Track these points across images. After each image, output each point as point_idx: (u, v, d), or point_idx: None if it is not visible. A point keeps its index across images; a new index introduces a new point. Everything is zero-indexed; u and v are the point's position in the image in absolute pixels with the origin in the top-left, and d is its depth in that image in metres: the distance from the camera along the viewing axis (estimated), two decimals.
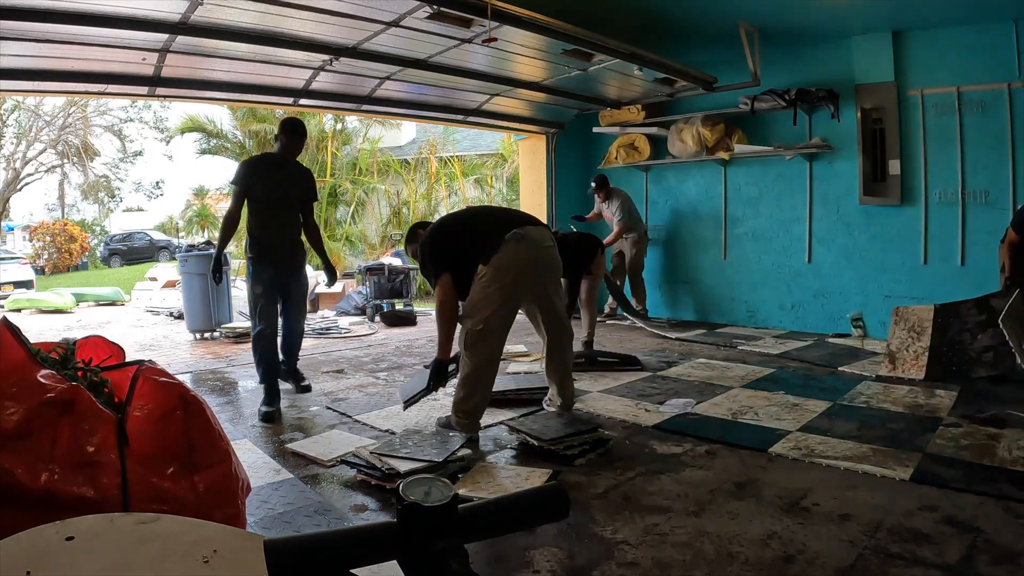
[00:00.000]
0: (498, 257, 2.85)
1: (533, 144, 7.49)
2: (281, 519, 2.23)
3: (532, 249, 2.95)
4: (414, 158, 13.77)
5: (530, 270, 2.97)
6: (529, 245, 2.94)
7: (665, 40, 5.43)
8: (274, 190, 3.68)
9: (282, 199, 3.73)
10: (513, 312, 3.00)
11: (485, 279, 2.86)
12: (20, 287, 13.33)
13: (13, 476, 1.42)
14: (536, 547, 1.96)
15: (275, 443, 3.06)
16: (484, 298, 2.85)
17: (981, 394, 3.61)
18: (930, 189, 5.23)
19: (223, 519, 1.55)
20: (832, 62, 5.64)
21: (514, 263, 2.88)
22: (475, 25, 3.99)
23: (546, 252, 3.05)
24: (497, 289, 2.85)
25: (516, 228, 2.93)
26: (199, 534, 0.98)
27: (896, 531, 2.02)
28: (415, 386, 3.19)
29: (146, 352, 5.63)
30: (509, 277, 2.87)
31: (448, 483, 0.67)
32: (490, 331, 2.88)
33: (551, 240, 3.13)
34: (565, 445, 2.72)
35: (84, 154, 22.96)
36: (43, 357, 1.67)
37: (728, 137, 6.22)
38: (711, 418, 3.29)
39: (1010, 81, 4.82)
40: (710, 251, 6.65)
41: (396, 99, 5.85)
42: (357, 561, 0.64)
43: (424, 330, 6.74)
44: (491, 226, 2.97)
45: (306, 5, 3.64)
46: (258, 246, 3.65)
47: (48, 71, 4.25)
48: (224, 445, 1.75)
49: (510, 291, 2.89)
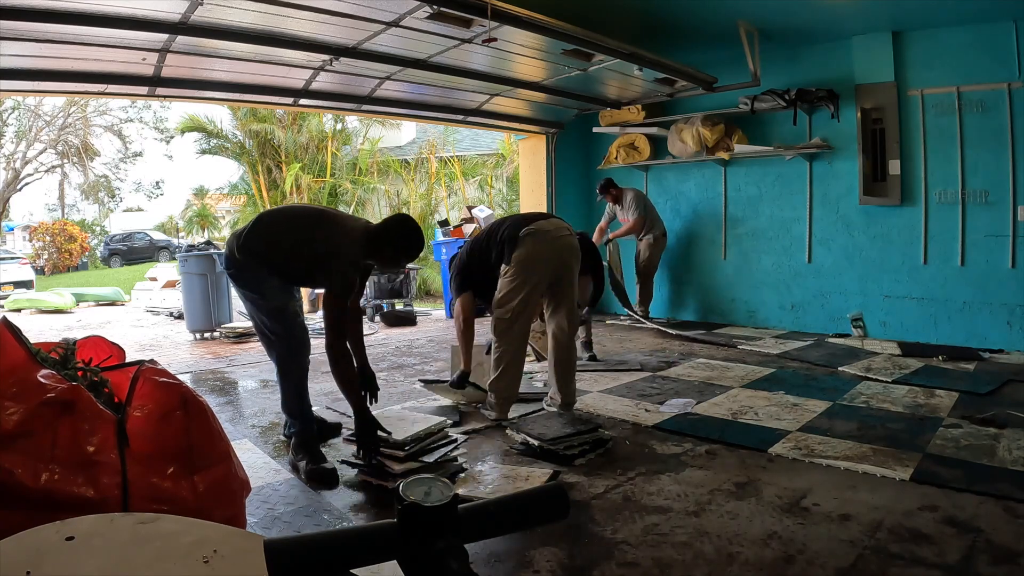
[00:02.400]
0: (518, 253, 3.19)
1: (533, 144, 7.49)
2: (281, 519, 2.23)
3: (548, 239, 3.24)
4: (414, 158, 13.77)
5: (550, 259, 3.25)
6: (543, 237, 3.22)
7: (665, 40, 5.42)
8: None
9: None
10: (535, 300, 3.28)
11: (509, 274, 3.21)
12: (20, 287, 13.33)
13: (13, 476, 1.42)
14: (536, 547, 1.96)
15: (275, 443, 3.06)
16: (510, 290, 3.20)
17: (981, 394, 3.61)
18: (930, 189, 5.23)
19: (223, 519, 1.55)
20: (832, 62, 5.64)
21: (532, 255, 3.19)
22: (475, 25, 3.99)
23: (562, 240, 3.29)
24: (521, 281, 3.18)
25: (530, 225, 3.24)
26: (199, 534, 0.98)
27: (896, 531, 2.02)
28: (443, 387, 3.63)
29: (146, 352, 5.63)
30: (529, 268, 3.19)
31: (448, 483, 0.67)
32: (516, 318, 3.21)
33: (567, 230, 3.36)
34: (565, 445, 2.72)
35: (84, 154, 22.96)
36: (43, 357, 1.67)
37: (728, 137, 6.22)
38: (711, 418, 3.29)
39: (1010, 81, 4.81)
40: (710, 251, 6.64)
41: (396, 99, 5.85)
42: (357, 561, 0.64)
43: (424, 330, 6.74)
44: (508, 232, 3.28)
45: (306, 5, 3.64)
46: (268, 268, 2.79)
47: (48, 71, 4.25)
48: (224, 445, 1.75)
49: (532, 280, 3.20)
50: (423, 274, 11.33)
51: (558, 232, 3.29)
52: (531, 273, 3.19)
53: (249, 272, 2.69)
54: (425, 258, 12.06)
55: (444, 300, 8.17)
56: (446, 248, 7.69)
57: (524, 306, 3.20)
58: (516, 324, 3.21)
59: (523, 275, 3.18)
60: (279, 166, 12.68)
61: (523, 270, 3.18)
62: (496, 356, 3.27)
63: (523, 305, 3.19)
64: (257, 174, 12.74)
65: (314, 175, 12.58)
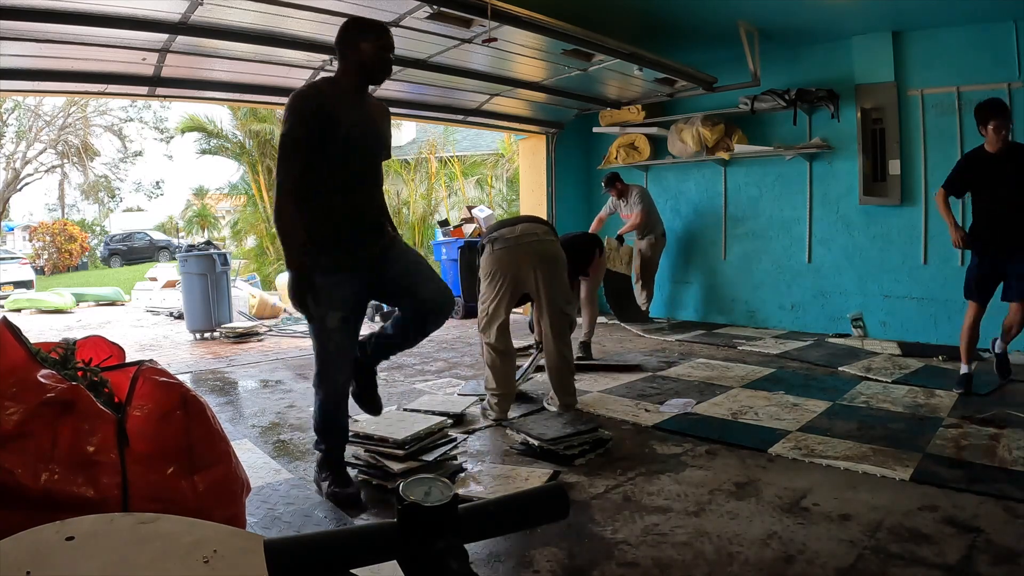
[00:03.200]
0: (483, 258, 3.37)
1: (533, 144, 7.49)
2: (281, 519, 2.23)
3: (509, 245, 3.31)
4: (414, 158, 13.76)
5: (511, 263, 3.31)
6: (504, 243, 3.31)
7: (665, 40, 5.42)
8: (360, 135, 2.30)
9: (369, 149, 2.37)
10: (507, 302, 3.34)
11: (481, 275, 3.39)
12: (20, 287, 13.32)
13: (13, 476, 1.42)
14: (536, 547, 1.96)
15: (275, 443, 3.06)
16: (483, 290, 3.37)
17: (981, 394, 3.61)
18: (930, 189, 5.22)
19: (223, 519, 1.55)
20: (832, 62, 5.64)
21: (493, 260, 3.31)
22: (475, 25, 3.98)
23: (527, 246, 3.32)
24: (487, 284, 3.33)
25: (495, 232, 3.36)
26: (199, 534, 0.98)
27: (896, 531, 2.02)
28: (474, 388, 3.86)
29: (146, 352, 5.63)
30: (491, 273, 3.32)
31: (448, 483, 0.67)
32: (491, 319, 3.32)
33: (537, 234, 3.36)
34: (565, 445, 2.72)
35: (84, 154, 22.96)
36: (43, 357, 1.67)
37: (728, 137, 6.22)
38: (711, 418, 3.29)
39: (1010, 81, 4.81)
40: (710, 251, 6.64)
41: (396, 99, 5.84)
42: (357, 561, 0.64)
43: None
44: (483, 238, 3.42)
45: (306, 5, 3.64)
46: (333, 238, 2.28)
47: (48, 71, 4.25)
48: (224, 445, 1.75)
49: (495, 284, 3.31)
50: None
51: (525, 237, 3.30)
52: (494, 278, 3.31)
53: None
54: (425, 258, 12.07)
55: None
56: (446, 248, 7.69)
57: (496, 306, 3.30)
58: (493, 325, 3.31)
59: (487, 279, 3.33)
60: None
61: (487, 275, 3.33)
62: (485, 359, 3.38)
63: (495, 306, 3.30)
64: (257, 174, 12.73)
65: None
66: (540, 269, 3.30)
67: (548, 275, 3.33)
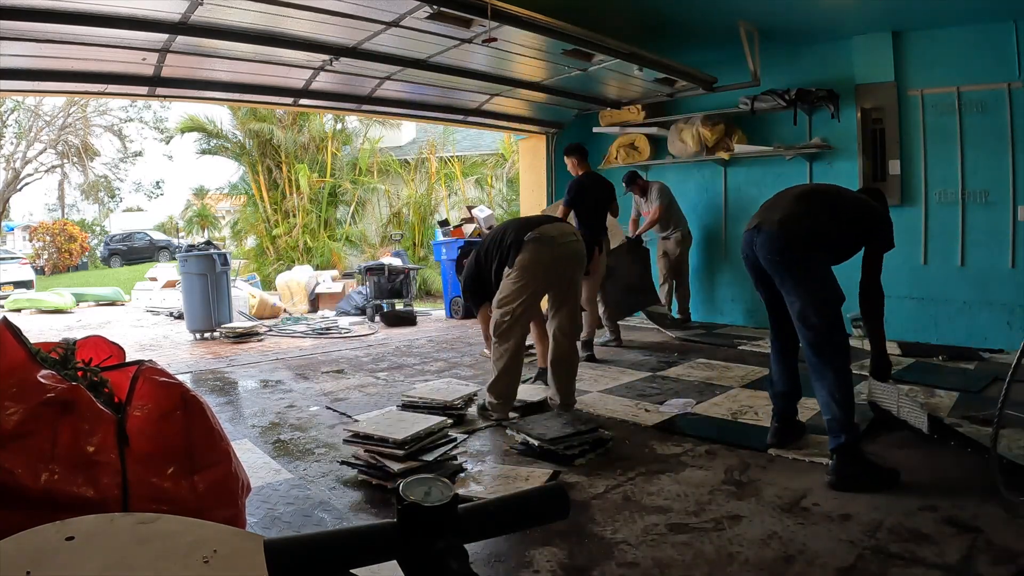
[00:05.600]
0: (521, 257, 3.22)
1: (533, 144, 7.49)
2: (281, 519, 2.23)
3: (552, 245, 3.26)
4: (414, 158, 13.76)
5: (552, 265, 3.27)
6: (547, 243, 3.25)
7: (665, 40, 5.42)
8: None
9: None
10: (536, 304, 3.34)
11: (512, 277, 3.24)
12: (20, 287, 13.33)
13: (13, 476, 1.42)
14: (536, 547, 1.96)
15: (275, 443, 3.06)
16: (511, 292, 3.23)
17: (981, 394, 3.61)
18: (930, 189, 5.23)
19: (223, 519, 1.55)
20: (832, 62, 5.64)
21: (535, 260, 3.22)
22: (475, 25, 3.98)
23: (566, 247, 3.32)
24: (522, 285, 3.21)
25: (535, 230, 3.27)
26: (199, 534, 0.98)
27: (896, 531, 2.02)
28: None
29: (146, 352, 5.63)
30: (531, 273, 3.22)
31: (448, 483, 0.67)
32: (515, 321, 3.24)
33: (573, 235, 3.39)
34: (565, 445, 2.72)
35: (84, 154, 22.97)
36: (43, 357, 1.67)
37: (728, 137, 6.21)
38: (711, 418, 3.30)
39: (1010, 81, 4.81)
40: (710, 251, 6.64)
41: (396, 99, 5.85)
42: (357, 561, 0.64)
43: (424, 330, 6.74)
44: (512, 237, 3.31)
45: (306, 5, 3.64)
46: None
47: (48, 71, 4.25)
48: (224, 445, 1.75)
49: (533, 285, 3.24)
50: (423, 274, 11.32)
51: (563, 238, 3.31)
52: (533, 278, 3.22)
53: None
54: (425, 258, 12.06)
55: (444, 300, 8.17)
56: (446, 248, 7.69)
57: (524, 309, 3.23)
58: (515, 326, 3.25)
59: (524, 279, 3.21)
60: (279, 166, 12.67)
61: (525, 274, 3.21)
62: (496, 357, 3.30)
63: (523, 308, 3.23)
64: (257, 174, 12.73)
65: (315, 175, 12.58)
66: (572, 269, 3.36)
67: (577, 275, 3.41)
